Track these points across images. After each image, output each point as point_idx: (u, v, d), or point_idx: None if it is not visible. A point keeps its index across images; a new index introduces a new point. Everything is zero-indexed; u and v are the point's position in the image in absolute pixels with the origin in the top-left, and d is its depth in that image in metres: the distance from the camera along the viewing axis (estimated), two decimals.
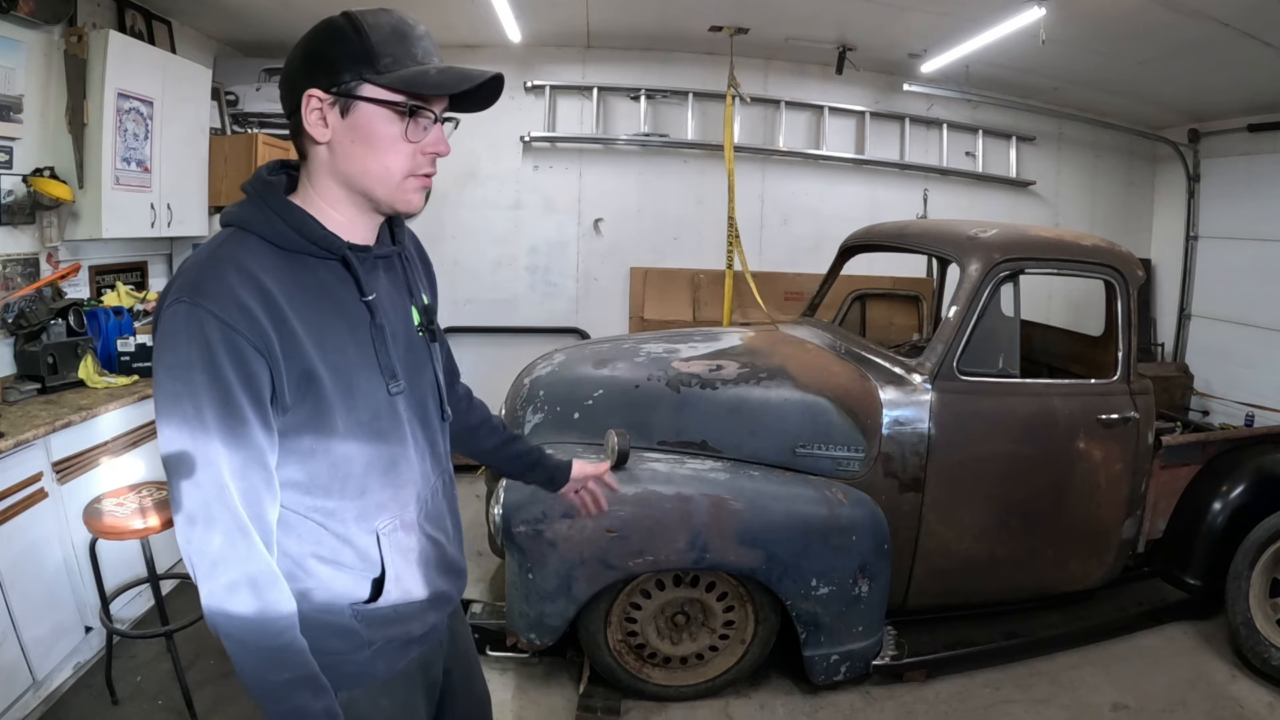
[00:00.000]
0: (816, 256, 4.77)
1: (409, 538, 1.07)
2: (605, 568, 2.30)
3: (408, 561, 1.07)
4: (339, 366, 0.95)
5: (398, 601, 1.05)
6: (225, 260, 0.90)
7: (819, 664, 2.48)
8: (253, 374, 0.87)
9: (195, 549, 0.88)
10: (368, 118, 0.93)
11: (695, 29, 4.36)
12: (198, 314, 0.85)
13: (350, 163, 0.96)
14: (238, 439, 0.87)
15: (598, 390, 2.73)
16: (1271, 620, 2.72)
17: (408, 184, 0.98)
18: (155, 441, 2.95)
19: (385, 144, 0.94)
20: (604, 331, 4.81)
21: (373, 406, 1.00)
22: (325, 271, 0.97)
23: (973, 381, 2.64)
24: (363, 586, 1.03)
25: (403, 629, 1.07)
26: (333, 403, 0.95)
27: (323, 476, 0.97)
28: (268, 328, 0.88)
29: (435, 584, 1.12)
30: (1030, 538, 2.73)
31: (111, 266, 3.47)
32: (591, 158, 4.92)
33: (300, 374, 0.92)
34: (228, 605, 0.88)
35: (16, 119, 2.83)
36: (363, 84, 0.92)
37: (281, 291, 0.91)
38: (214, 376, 0.85)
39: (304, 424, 0.94)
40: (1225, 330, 5.12)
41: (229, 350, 0.86)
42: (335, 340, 0.96)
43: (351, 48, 0.91)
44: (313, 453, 0.96)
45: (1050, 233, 3.05)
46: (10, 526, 2.25)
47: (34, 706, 2.34)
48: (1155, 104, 5.03)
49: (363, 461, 1.00)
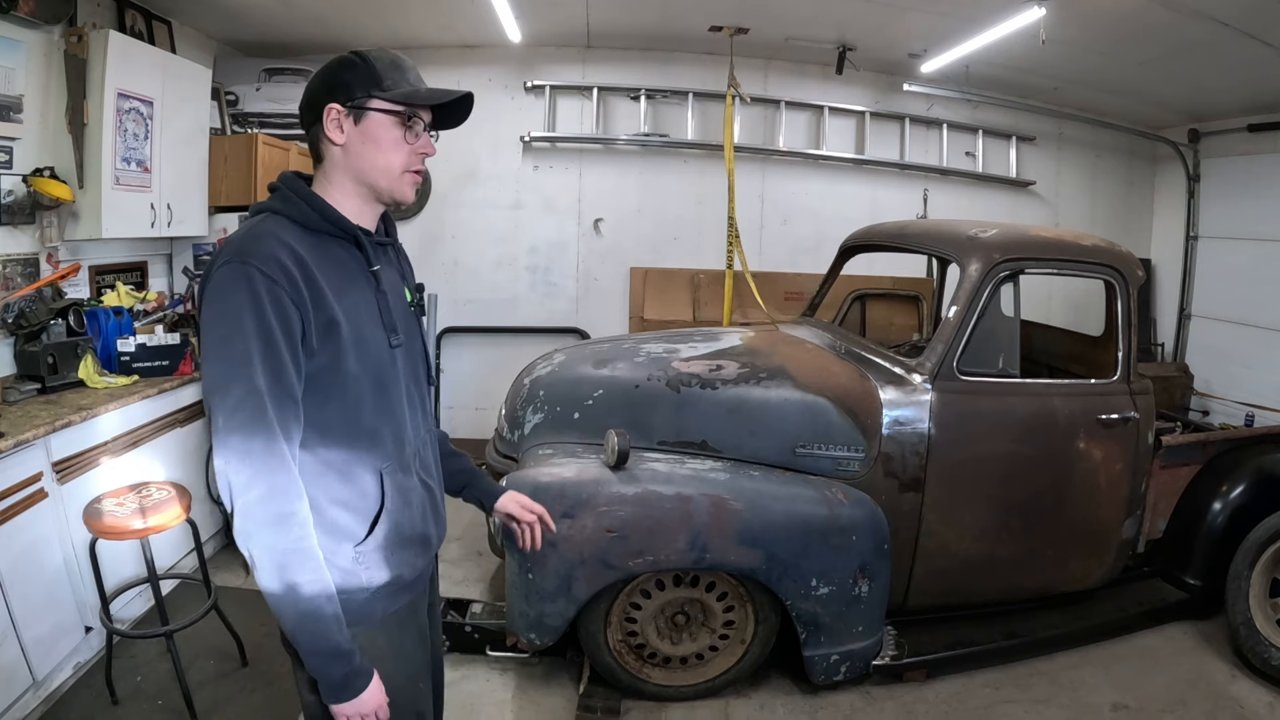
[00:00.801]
0: (816, 256, 4.78)
1: (407, 479, 1.26)
2: (605, 568, 2.30)
3: (405, 501, 1.25)
4: (353, 319, 1.17)
5: (390, 535, 1.22)
6: (265, 234, 1.11)
7: (819, 664, 2.48)
8: (289, 320, 1.08)
9: (235, 463, 1.04)
10: (375, 124, 1.19)
11: (695, 29, 4.36)
12: (247, 270, 1.06)
13: (360, 160, 1.20)
14: (276, 372, 1.06)
15: (598, 390, 2.73)
16: (1271, 620, 2.72)
17: (404, 178, 1.23)
18: (155, 441, 2.98)
19: (388, 144, 1.20)
20: (604, 331, 4.82)
21: (377, 355, 1.21)
22: (340, 248, 1.21)
23: (973, 381, 2.64)
24: (363, 524, 1.20)
25: (395, 572, 1.24)
26: (348, 348, 1.15)
27: (337, 418, 1.16)
28: (301, 283, 1.09)
29: (425, 527, 1.31)
30: (1030, 538, 2.73)
31: (111, 266, 3.47)
32: (591, 158, 4.92)
33: (325, 322, 1.12)
34: (261, 511, 1.05)
35: (16, 119, 2.83)
36: (371, 99, 1.17)
37: (310, 258, 1.12)
38: (260, 320, 1.05)
39: (325, 367, 1.14)
40: (1225, 330, 5.11)
41: (271, 300, 1.06)
42: (350, 299, 1.18)
43: (362, 73, 1.18)
44: (329, 394, 1.15)
45: (1050, 233, 3.05)
46: (10, 526, 2.25)
47: (34, 706, 2.34)
48: (1155, 104, 5.03)
49: (369, 405, 1.19)
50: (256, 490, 1.05)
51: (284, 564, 1.06)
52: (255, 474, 1.04)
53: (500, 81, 4.74)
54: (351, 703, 1.13)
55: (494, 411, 3.22)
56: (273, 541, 1.05)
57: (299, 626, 1.09)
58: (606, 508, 2.30)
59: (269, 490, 1.05)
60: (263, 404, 1.05)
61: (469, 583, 3.34)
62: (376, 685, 1.16)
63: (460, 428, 5.02)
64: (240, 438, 1.04)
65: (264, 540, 1.05)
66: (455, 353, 4.95)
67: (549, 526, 1.57)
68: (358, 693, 1.13)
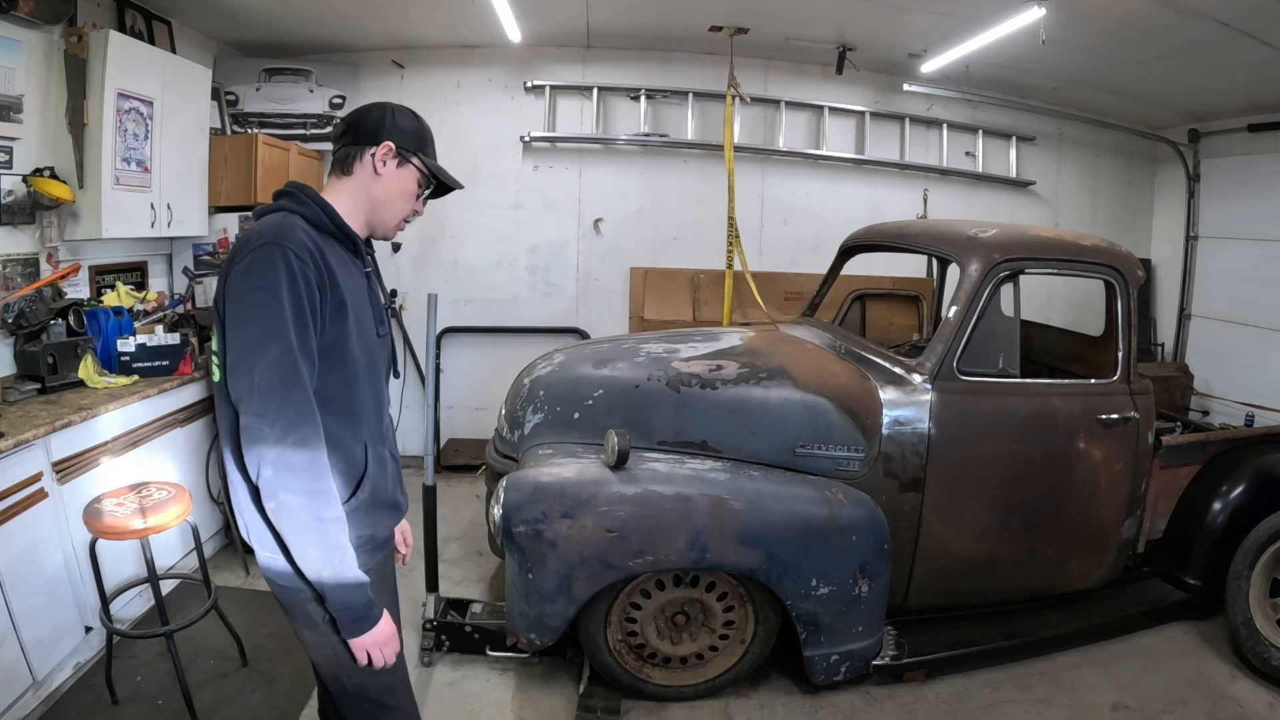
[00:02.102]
0: (816, 256, 4.77)
1: (382, 449, 1.46)
2: (605, 568, 2.30)
3: (381, 469, 1.44)
4: (354, 304, 1.36)
5: (369, 497, 1.40)
6: (292, 225, 1.30)
7: (819, 664, 2.48)
8: (314, 296, 1.26)
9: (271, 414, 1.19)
10: (408, 176, 1.43)
11: (695, 29, 4.36)
12: (284, 251, 1.23)
13: (383, 193, 1.42)
14: (303, 339, 1.24)
15: (598, 390, 2.73)
16: (1271, 620, 2.72)
17: (399, 225, 1.49)
18: (155, 441, 2.98)
19: (407, 196, 1.45)
20: (604, 331, 4.82)
21: (368, 341, 1.41)
22: (340, 249, 1.39)
23: (973, 381, 2.64)
24: (348, 487, 1.37)
25: (370, 530, 1.42)
26: (350, 329, 1.34)
27: (335, 391, 1.33)
28: (322, 268, 1.28)
29: (395, 493, 1.51)
30: (1030, 538, 2.73)
31: (111, 266, 3.46)
32: (591, 158, 4.92)
33: (337, 303, 1.31)
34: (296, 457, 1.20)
35: (16, 119, 2.83)
36: (415, 156, 1.43)
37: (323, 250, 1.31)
38: (294, 293, 1.23)
39: (331, 343, 1.31)
40: (1225, 330, 5.11)
41: (303, 277, 1.24)
42: (351, 289, 1.36)
43: (417, 132, 1.44)
44: (331, 368, 1.31)
45: (1050, 233, 3.05)
46: (10, 526, 2.25)
47: (34, 706, 2.34)
48: (1155, 104, 5.03)
49: (361, 382, 1.38)
50: (294, 435, 1.19)
51: (315, 503, 1.21)
52: (291, 422, 1.19)
53: (500, 81, 4.74)
54: (372, 632, 1.29)
55: (494, 411, 3.22)
56: (306, 483, 1.20)
57: (325, 559, 1.23)
58: (606, 508, 2.30)
59: (304, 437, 1.20)
60: (296, 362, 1.21)
61: (469, 583, 3.34)
62: (387, 618, 1.33)
63: (460, 428, 5.02)
64: (279, 389, 1.19)
65: (298, 482, 1.20)
66: (455, 353, 4.95)
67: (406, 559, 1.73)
68: (376, 621, 1.30)
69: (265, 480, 1.20)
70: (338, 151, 1.43)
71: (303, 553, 1.23)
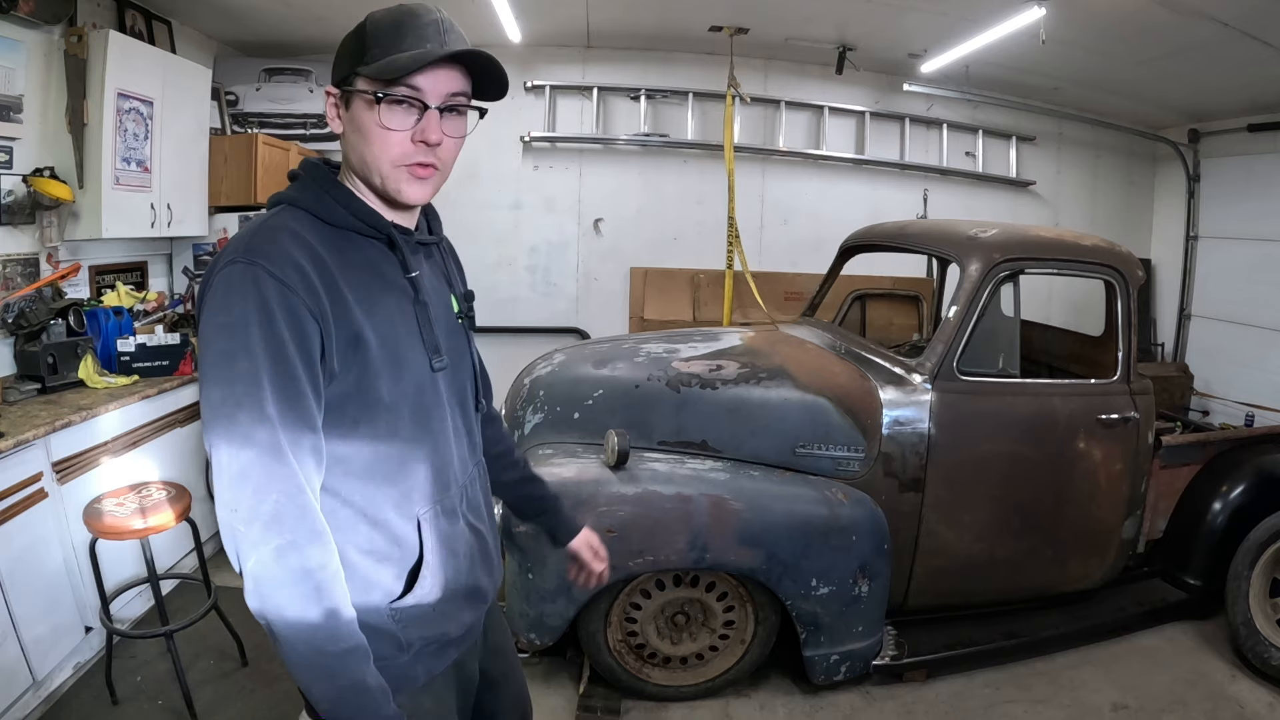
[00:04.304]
0: (816, 256, 4.77)
1: (451, 525, 1.06)
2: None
3: (450, 551, 1.05)
4: (386, 336, 0.96)
5: (432, 592, 1.02)
6: (279, 228, 0.91)
7: (819, 664, 2.48)
8: (306, 334, 0.87)
9: (244, 511, 0.83)
10: (357, 108, 0.95)
11: (695, 29, 4.36)
12: (254, 272, 0.85)
13: (353, 151, 0.98)
14: (290, 398, 0.85)
15: (598, 390, 2.73)
16: (1271, 620, 2.72)
17: (398, 173, 0.97)
18: (155, 441, 2.97)
19: (370, 134, 0.95)
20: (604, 331, 4.82)
21: (417, 380, 1.00)
22: (371, 249, 0.99)
23: (973, 381, 2.64)
24: (399, 579, 1.00)
25: (439, 629, 1.05)
26: (379, 370, 0.95)
27: (365, 454, 0.96)
28: (320, 290, 0.89)
29: (474, 577, 1.10)
30: (1030, 538, 2.73)
31: (111, 266, 3.46)
32: (591, 158, 4.92)
33: (350, 338, 0.92)
34: (280, 570, 0.83)
35: (16, 119, 2.83)
36: (356, 78, 0.94)
37: (332, 260, 0.92)
38: (269, 333, 0.84)
39: (349, 392, 0.93)
40: (1225, 330, 5.11)
41: (284, 308, 0.85)
42: (383, 311, 0.97)
43: (350, 44, 0.95)
44: (356, 424, 0.94)
45: (1050, 233, 3.05)
46: (10, 526, 2.25)
47: (34, 706, 2.34)
48: (1155, 104, 5.03)
49: (405, 438, 0.99)
50: (277, 540, 0.84)
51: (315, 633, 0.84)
52: (272, 521, 0.83)
53: None
54: None
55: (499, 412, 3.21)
56: (300, 606, 0.84)
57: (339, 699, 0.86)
58: (606, 508, 2.29)
59: (292, 542, 0.84)
60: (275, 437, 0.84)
61: None
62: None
63: None
64: (253, 476, 0.84)
65: (287, 603, 0.83)
66: None
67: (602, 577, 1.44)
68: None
69: (250, 594, 0.84)
70: None
71: (308, 687, 0.87)
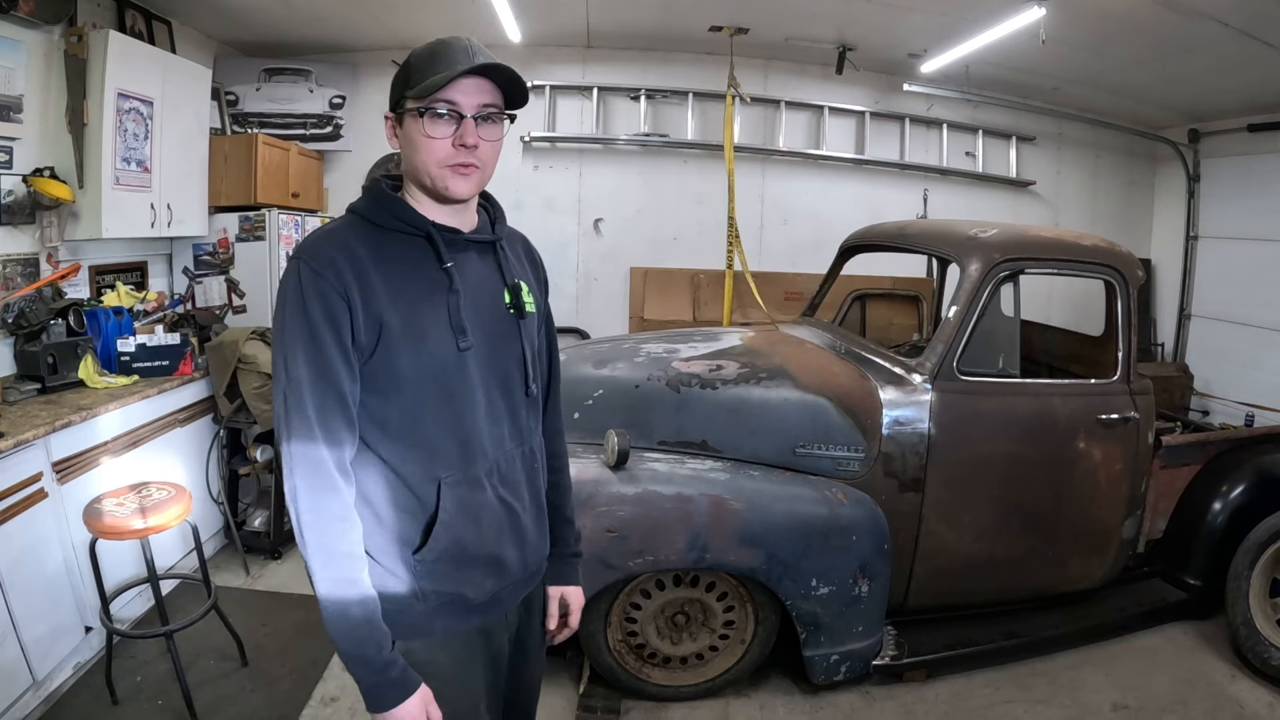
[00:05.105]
0: (816, 256, 4.77)
1: (474, 494, 1.18)
2: (605, 568, 2.30)
3: (470, 517, 1.18)
4: (410, 318, 1.13)
5: (447, 549, 1.16)
6: (331, 232, 1.16)
7: (819, 664, 2.48)
8: (335, 314, 1.08)
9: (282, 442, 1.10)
10: (407, 126, 1.16)
11: (695, 29, 4.37)
12: (299, 266, 1.10)
13: (407, 162, 1.18)
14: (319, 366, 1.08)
15: (598, 390, 2.73)
16: (1271, 620, 2.72)
17: (443, 172, 1.15)
18: (155, 441, 3.00)
19: (418, 143, 1.14)
20: (604, 331, 4.82)
21: (440, 358, 1.15)
22: (412, 247, 1.17)
23: (973, 381, 2.64)
24: (417, 531, 1.16)
25: (454, 588, 1.18)
26: (401, 347, 1.12)
27: (395, 419, 1.14)
28: (351, 279, 1.09)
29: (497, 548, 1.22)
30: (1030, 538, 2.73)
31: (111, 266, 3.46)
32: (591, 158, 4.92)
33: (374, 318, 1.10)
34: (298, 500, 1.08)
35: (16, 119, 2.83)
36: (404, 100, 1.14)
37: (369, 255, 1.12)
38: (305, 314, 1.08)
39: (379, 366, 1.13)
40: (1225, 330, 5.11)
41: (317, 294, 1.08)
42: (410, 296, 1.14)
43: (399, 77, 1.16)
44: (386, 394, 1.14)
45: (1050, 233, 3.05)
46: (10, 526, 2.25)
47: (34, 706, 2.34)
48: (1155, 104, 5.03)
49: (429, 410, 1.15)
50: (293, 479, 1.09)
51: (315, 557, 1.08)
52: (293, 464, 1.09)
53: None
54: (386, 715, 1.10)
55: None
56: (305, 533, 1.08)
57: (328, 622, 1.08)
58: (606, 508, 2.30)
59: (302, 480, 1.08)
60: (301, 398, 1.08)
61: None
62: (417, 704, 1.11)
63: None
64: (282, 427, 1.10)
65: (300, 529, 1.09)
66: None
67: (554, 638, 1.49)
68: (390, 706, 1.09)
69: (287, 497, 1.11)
70: None
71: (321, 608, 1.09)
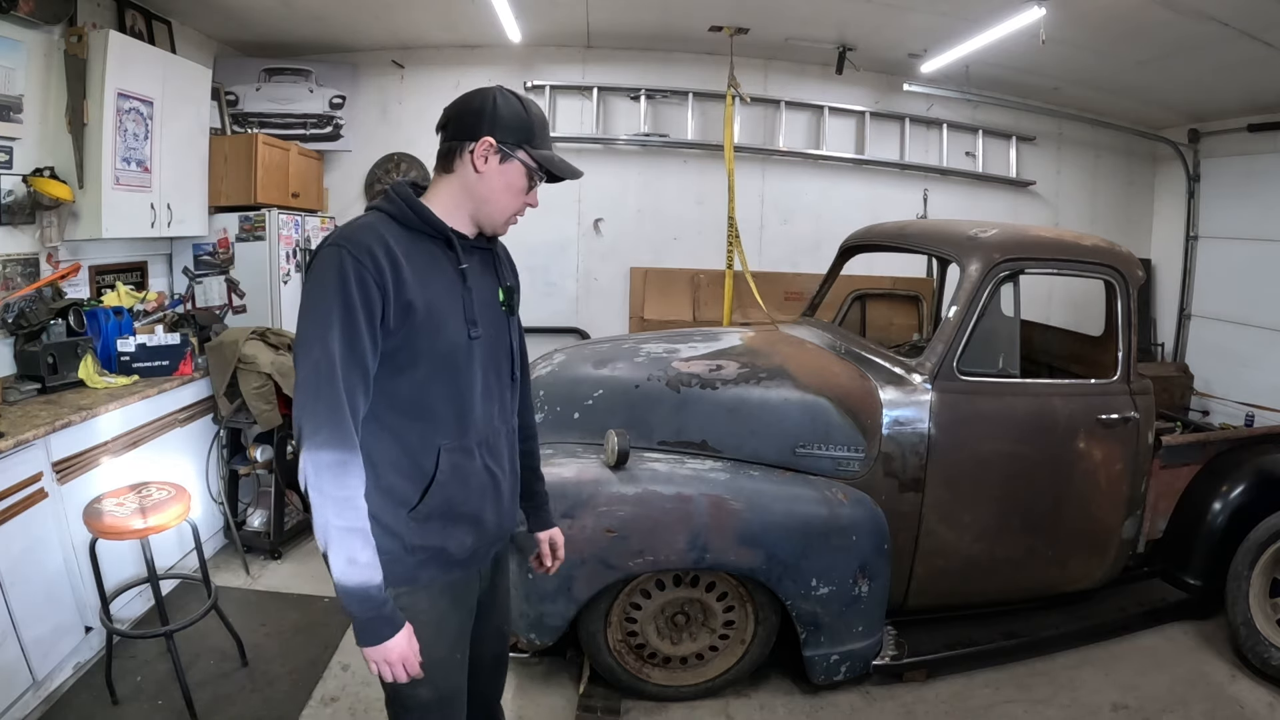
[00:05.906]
0: (816, 256, 4.78)
1: (466, 461, 1.37)
2: (605, 568, 2.30)
3: (460, 480, 1.37)
4: (433, 307, 1.30)
5: (439, 507, 1.34)
6: (365, 225, 1.30)
7: (819, 664, 2.48)
8: (370, 298, 1.23)
9: (306, 411, 1.22)
10: (514, 171, 1.34)
11: (695, 29, 4.36)
12: (341, 252, 1.23)
13: (487, 192, 1.35)
14: (350, 340, 1.23)
15: (598, 390, 2.73)
16: (1271, 620, 2.72)
17: (508, 219, 1.41)
18: (155, 441, 2.99)
19: (514, 192, 1.36)
20: (604, 331, 4.82)
21: (452, 343, 1.33)
22: (434, 246, 1.35)
23: (973, 381, 2.64)
24: (415, 492, 1.33)
25: (439, 542, 1.36)
26: (423, 331, 1.29)
27: (405, 392, 1.31)
28: (386, 269, 1.25)
29: (479, 508, 1.41)
30: (1030, 538, 2.73)
31: (111, 266, 3.47)
32: (591, 158, 4.92)
33: (404, 304, 1.27)
34: (318, 456, 1.20)
35: (16, 119, 2.83)
36: (520, 149, 1.33)
37: (400, 250, 1.28)
38: (344, 293, 1.22)
39: (400, 345, 1.28)
40: (1225, 330, 5.11)
41: (357, 279, 1.22)
42: (434, 289, 1.31)
43: (522, 122, 1.33)
44: (401, 370, 1.30)
45: (1050, 233, 3.05)
46: (10, 526, 2.25)
47: (34, 706, 2.34)
48: (1155, 104, 5.03)
49: (438, 385, 1.33)
50: (321, 434, 1.20)
51: (331, 506, 1.20)
52: (320, 421, 1.20)
53: (500, 81, 4.72)
54: (377, 648, 1.25)
55: None
56: (329, 487, 1.20)
57: (333, 562, 1.21)
58: (606, 508, 2.30)
59: (330, 438, 1.20)
60: (333, 367, 1.21)
61: None
62: (404, 638, 1.27)
63: None
64: (313, 388, 1.21)
65: (317, 482, 1.20)
66: None
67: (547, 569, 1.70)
68: (382, 639, 1.24)
69: (302, 473, 1.22)
70: (440, 146, 1.37)
71: (324, 550, 1.23)
